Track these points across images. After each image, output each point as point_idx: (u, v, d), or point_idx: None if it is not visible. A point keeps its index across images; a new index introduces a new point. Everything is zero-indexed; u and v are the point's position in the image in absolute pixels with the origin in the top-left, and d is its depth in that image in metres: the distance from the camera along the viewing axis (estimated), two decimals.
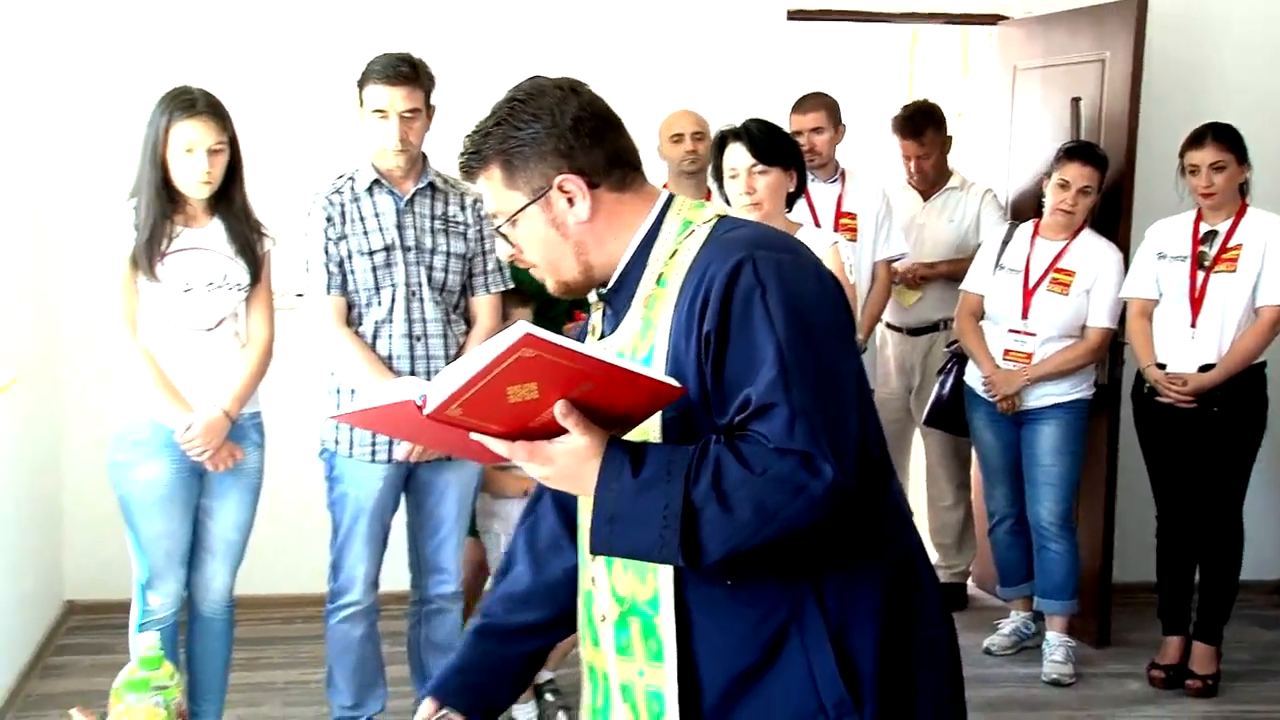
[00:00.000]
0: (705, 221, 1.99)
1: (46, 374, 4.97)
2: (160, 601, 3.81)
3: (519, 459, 1.86)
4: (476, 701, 2.25)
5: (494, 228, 2.05)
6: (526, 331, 1.68)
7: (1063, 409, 4.84)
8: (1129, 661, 5.01)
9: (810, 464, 1.79)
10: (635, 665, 2.00)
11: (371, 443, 3.91)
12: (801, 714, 1.92)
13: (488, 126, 1.98)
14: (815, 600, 1.92)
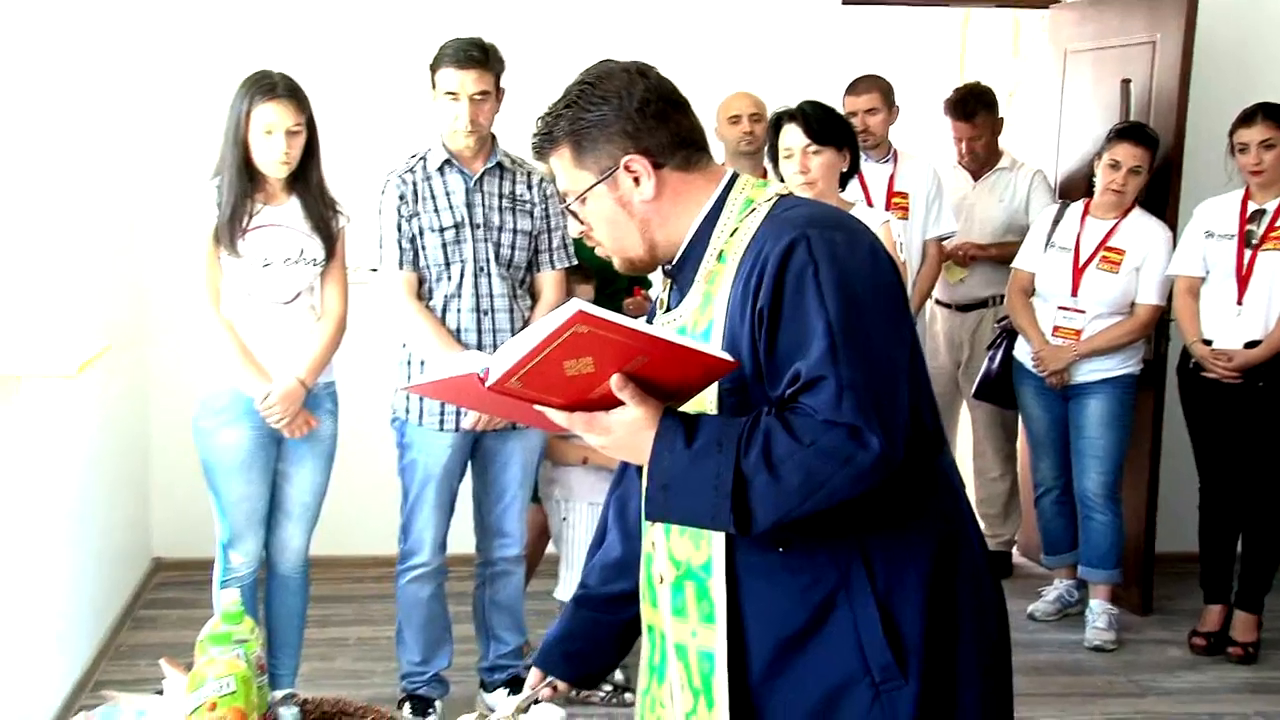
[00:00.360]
0: (766, 200, 1.98)
1: (136, 344, 5.02)
2: (241, 560, 3.85)
3: (578, 429, 1.87)
4: (577, 669, 2.31)
5: (564, 206, 2.06)
6: (579, 309, 1.68)
7: (1110, 384, 4.81)
8: (1170, 629, 4.97)
9: (858, 436, 1.78)
10: (689, 626, 2.01)
11: (440, 412, 3.92)
12: (847, 678, 1.91)
13: (559, 109, 1.99)
14: (864, 567, 1.91)
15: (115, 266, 4.81)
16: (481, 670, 4.21)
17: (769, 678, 1.95)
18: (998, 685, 2.05)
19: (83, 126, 4.38)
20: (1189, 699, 4.46)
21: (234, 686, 2.01)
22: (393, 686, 4.14)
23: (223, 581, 3.85)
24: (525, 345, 1.74)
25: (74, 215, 4.22)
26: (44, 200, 3.90)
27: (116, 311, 4.76)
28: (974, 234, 5.34)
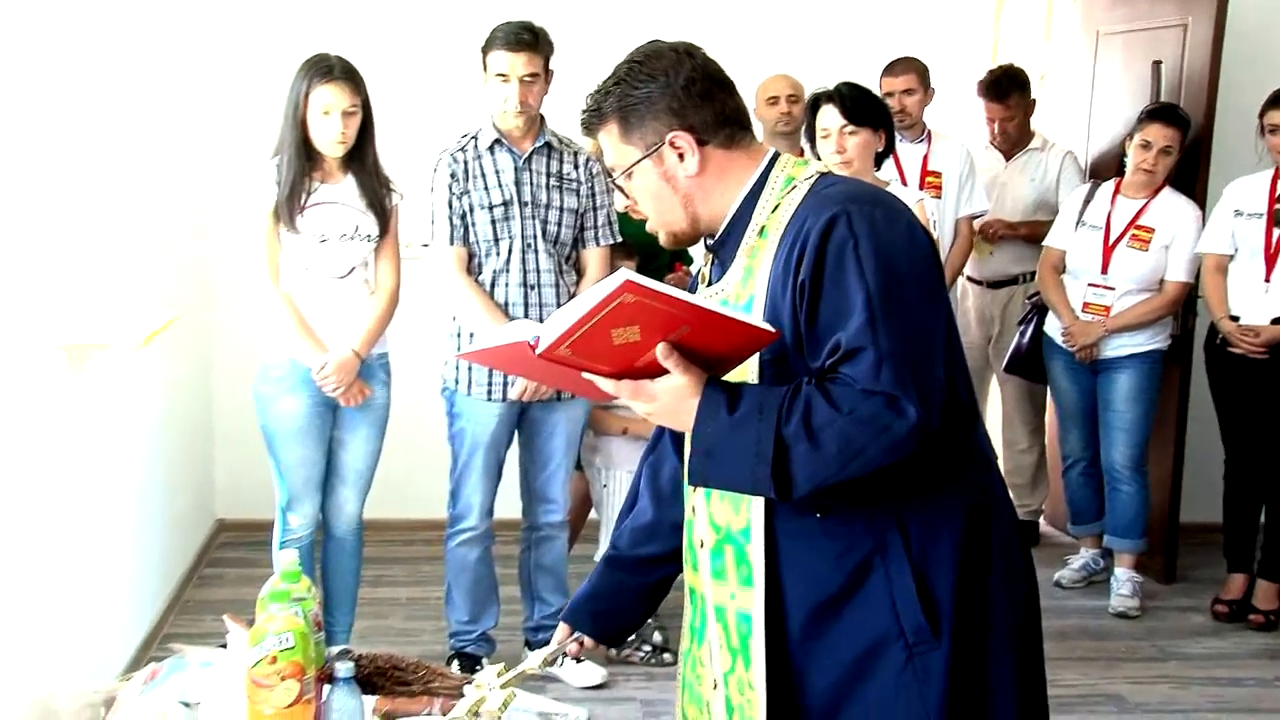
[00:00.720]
0: (807, 178, 1.97)
1: (200, 315, 5.04)
2: (299, 522, 3.88)
3: (624, 396, 1.87)
4: (605, 626, 2.30)
5: (611, 180, 2.06)
6: (627, 278, 1.68)
7: (1139, 359, 4.78)
8: (1193, 596, 4.96)
9: (895, 405, 1.77)
10: (728, 589, 2.01)
11: (488, 383, 3.93)
12: (881, 640, 1.91)
13: (608, 86, 1.99)
14: (899, 534, 1.91)
15: (181, 243, 4.83)
16: (526, 630, 4.22)
17: (805, 639, 1.95)
18: (1028, 647, 2.03)
19: (152, 109, 4.40)
20: (1210, 664, 4.44)
21: (293, 642, 2.02)
22: (442, 644, 4.16)
23: (281, 543, 3.88)
24: (575, 313, 1.74)
25: (142, 194, 4.24)
26: (114, 180, 3.92)
27: (181, 285, 4.79)
28: (1005, 213, 5.30)
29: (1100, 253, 4.75)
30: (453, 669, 3.79)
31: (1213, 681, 4.31)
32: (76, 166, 3.56)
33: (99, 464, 3.73)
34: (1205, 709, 4.11)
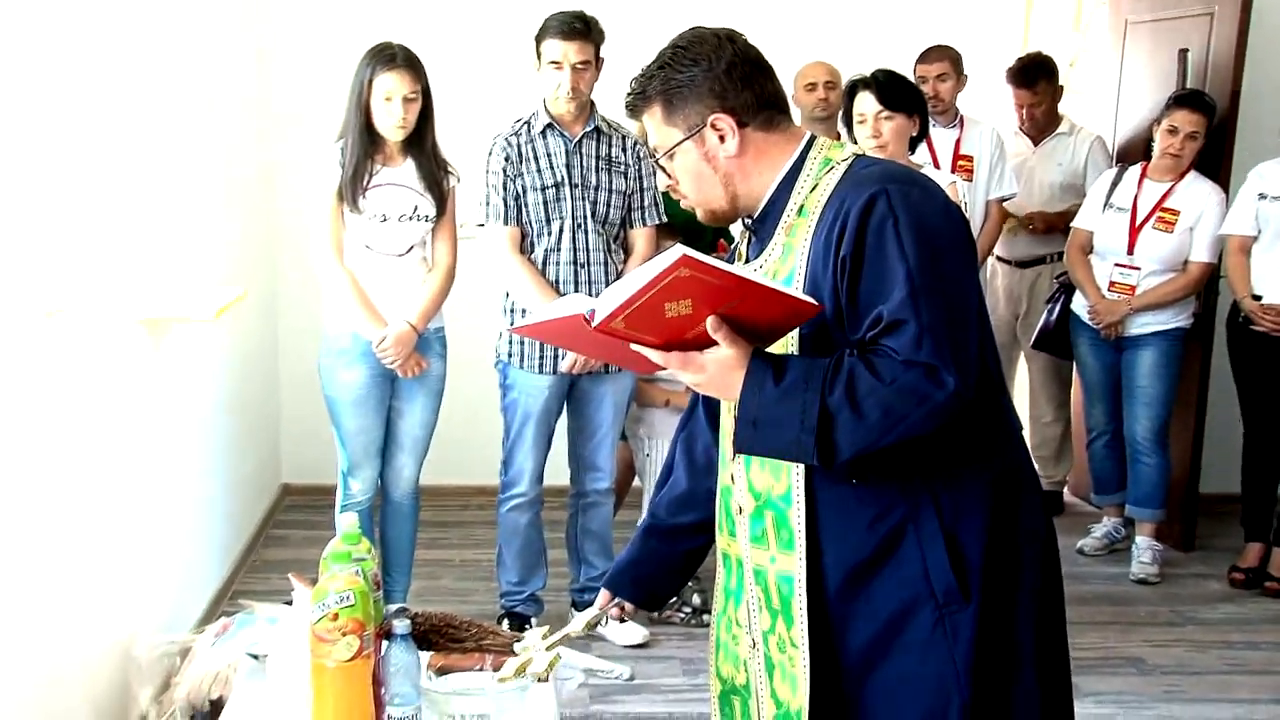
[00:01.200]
0: (843, 160, 1.95)
1: (268, 291, 5.08)
2: (359, 487, 3.90)
3: (674, 367, 1.86)
4: (643, 592, 2.30)
5: (654, 160, 2.05)
6: (684, 253, 1.68)
7: (1162, 336, 4.75)
8: (1211, 565, 4.92)
9: (935, 375, 1.76)
10: (768, 553, 2.00)
11: (539, 356, 3.93)
12: (913, 601, 1.91)
13: (652, 70, 1.98)
14: (931, 502, 1.90)
15: (249, 223, 4.86)
16: (573, 591, 4.23)
17: (842, 600, 1.94)
18: (1050, 610, 2.02)
19: (222, 98, 4.41)
20: (1226, 629, 4.42)
21: (353, 600, 2.03)
22: (493, 604, 4.17)
23: (343, 506, 3.91)
24: (631, 287, 1.73)
25: (214, 179, 4.26)
26: (189, 167, 3.94)
27: (250, 263, 4.82)
28: (1034, 195, 5.26)
29: (1127, 234, 4.71)
30: (503, 627, 3.79)
31: (1228, 645, 4.28)
32: (155, 156, 3.58)
33: (174, 430, 3.77)
34: (1220, 671, 4.09)
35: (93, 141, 3.07)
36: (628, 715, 3.64)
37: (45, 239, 2.79)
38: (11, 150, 2.62)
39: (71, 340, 2.94)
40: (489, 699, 2.19)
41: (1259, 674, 4.08)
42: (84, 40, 3.02)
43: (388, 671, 2.07)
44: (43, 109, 2.76)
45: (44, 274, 2.78)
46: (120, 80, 3.28)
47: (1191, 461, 5.02)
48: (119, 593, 3.27)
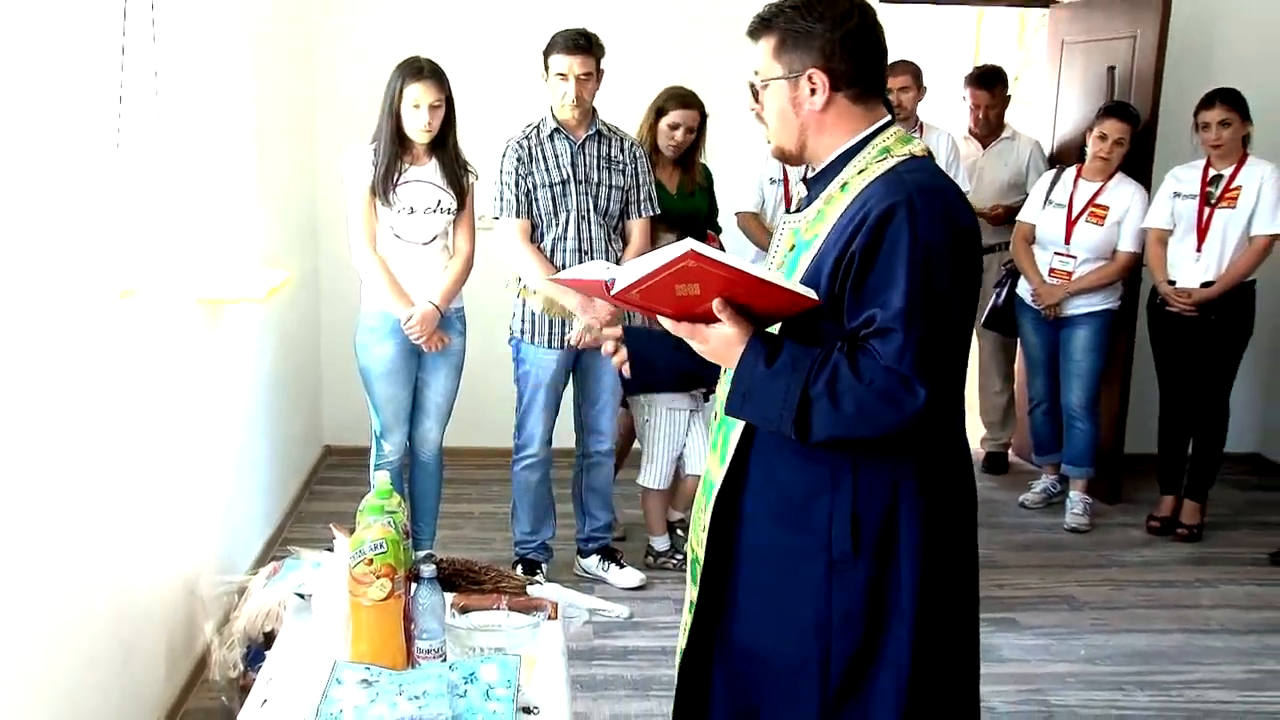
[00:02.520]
0: (898, 155, 1.87)
1: (310, 274, 5.05)
2: (389, 448, 3.89)
3: (683, 334, 1.85)
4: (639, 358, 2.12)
5: (750, 83, 1.97)
6: (690, 249, 1.67)
7: (1094, 316, 4.76)
8: (1132, 515, 4.94)
9: (910, 386, 1.74)
10: (715, 458, 2.02)
11: (548, 333, 3.92)
12: (813, 548, 1.89)
13: (786, 5, 1.90)
14: (850, 475, 1.86)
15: (294, 213, 4.83)
16: (578, 540, 4.23)
17: (754, 520, 1.96)
18: (940, 575, 1.92)
19: (272, 102, 4.38)
20: (1144, 570, 4.45)
21: (385, 547, 2.02)
22: (508, 551, 4.16)
23: (376, 465, 3.90)
24: (643, 269, 1.73)
25: (263, 174, 4.23)
26: (241, 163, 3.91)
27: (295, 248, 4.79)
28: (983, 192, 5.24)
29: (1064, 227, 4.71)
30: (517, 572, 3.80)
31: (1145, 584, 4.31)
32: (213, 154, 3.56)
33: (229, 398, 3.75)
34: (1138, 606, 4.11)
35: (159, 142, 3.05)
36: (627, 648, 3.65)
37: (119, 230, 2.78)
38: (91, 153, 2.60)
39: (142, 318, 2.94)
40: (505, 634, 2.19)
41: (1170, 608, 4.10)
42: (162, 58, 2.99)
43: (417, 610, 2.06)
44: (118, 120, 2.74)
45: (118, 260, 2.77)
46: (181, 90, 3.25)
47: (1117, 426, 5.04)
48: (186, 540, 3.28)
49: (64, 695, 2.49)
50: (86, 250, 2.59)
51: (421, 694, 1.91)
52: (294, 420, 4.81)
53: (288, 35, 4.74)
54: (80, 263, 2.56)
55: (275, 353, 4.45)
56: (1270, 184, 4.40)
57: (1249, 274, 4.48)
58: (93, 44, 2.65)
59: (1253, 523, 4.90)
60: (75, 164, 2.54)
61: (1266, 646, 3.82)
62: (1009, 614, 3.95)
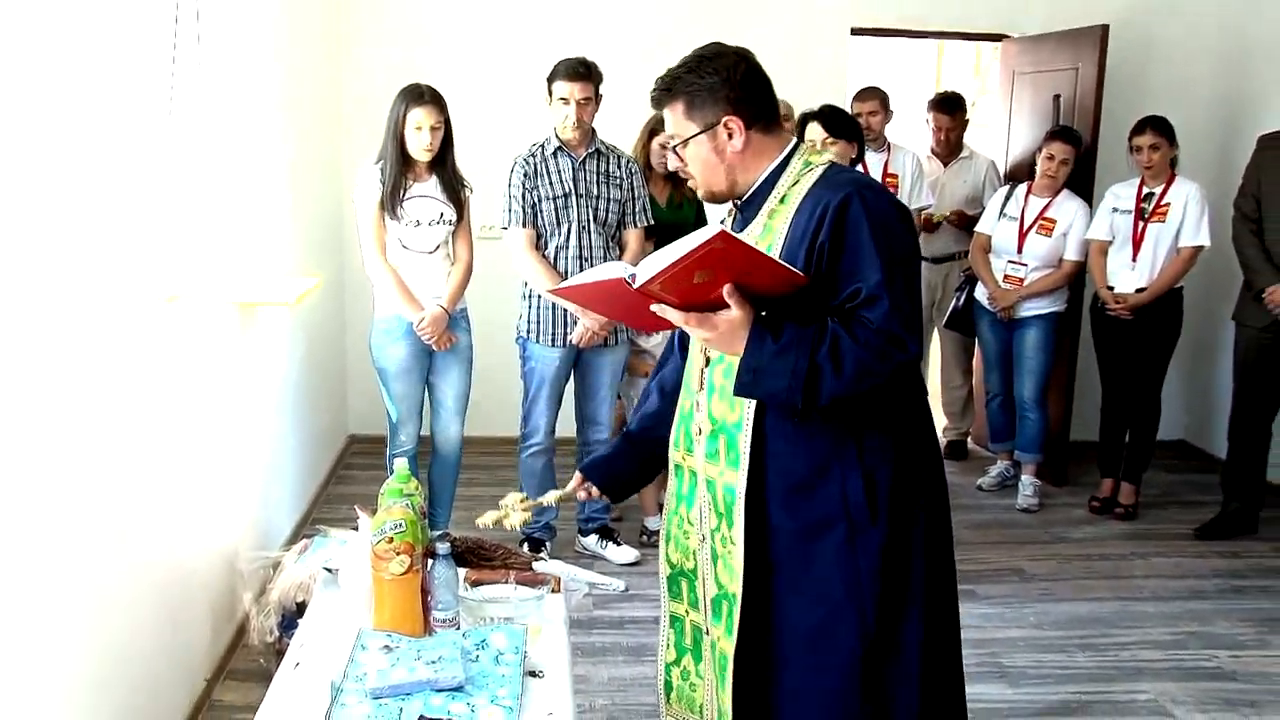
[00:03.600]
0: (821, 164, 1.96)
1: (335, 279, 5.03)
2: (404, 439, 3.88)
3: (691, 325, 1.86)
4: (608, 481, 2.26)
5: (670, 147, 2.02)
6: (722, 229, 1.69)
7: (1043, 318, 4.76)
8: (1076, 496, 4.95)
9: (899, 341, 1.80)
10: (719, 468, 2.00)
11: (552, 332, 3.91)
12: (833, 517, 1.92)
13: (680, 72, 1.95)
14: (854, 445, 1.90)
15: (320, 223, 4.81)
16: (579, 521, 4.23)
17: (779, 509, 1.95)
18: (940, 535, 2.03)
19: (300, 122, 4.37)
20: (1086, 545, 4.47)
21: (404, 527, 2.02)
22: (515, 531, 4.14)
23: (392, 454, 3.88)
24: (671, 256, 1.73)
25: (293, 187, 4.22)
26: (273, 177, 3.91)
27: (322, 256, 4.77)
28: (944, 204, 5.25)
29: (1016, 238, 4.71)
30: (523, 550, 3.79)
31: (1087, 558, 4.32)
32: (247, 170, 3.55)
33: (263, 393, 3.75)
34: (1081, 577, 4.13)
35: (203, 164, 3.04)
36: (623, 618, 3.66)
37: (166, 242, 2.78)
38: (143, 176, 2.59)
39: (186, 320, 2.94)
40: (513, 605, 2.19)
41: (1109, 578, 4.13)
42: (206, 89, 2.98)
43: (433, 583, 2.06)
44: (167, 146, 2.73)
45: (165, 269, 2.77)
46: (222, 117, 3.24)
47: (1063, 417, 5.04)
48: (226, 519, 3.28)
49: (124, 657, 2.50)
50: (138, 260, 2.59)
51: (438, 659, 1.91)
52: (321, 412, 4.80)
53: (316, 69, 4.73)
54: (133, 272, 2.56)
55: (304, 351, 4.44)
56: (1194, 201, 4.43)
57: (1177, 281, 4.50)
58: (147, 76, 2.64)
59: (1180, 502, 4.92)
60: (129, 186, 2.54)
61: (1189, 611, 3.85)
62: (968, 586, 3.95)
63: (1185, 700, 3.23)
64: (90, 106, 2.32)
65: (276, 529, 3.90)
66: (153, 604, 2.70)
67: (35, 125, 2.08)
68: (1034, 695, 3.23)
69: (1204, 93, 5.34)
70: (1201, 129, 5.13)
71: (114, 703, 2.44)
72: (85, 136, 2.30)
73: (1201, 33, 5.36)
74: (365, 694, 1.84)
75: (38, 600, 2.09)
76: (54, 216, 2.15)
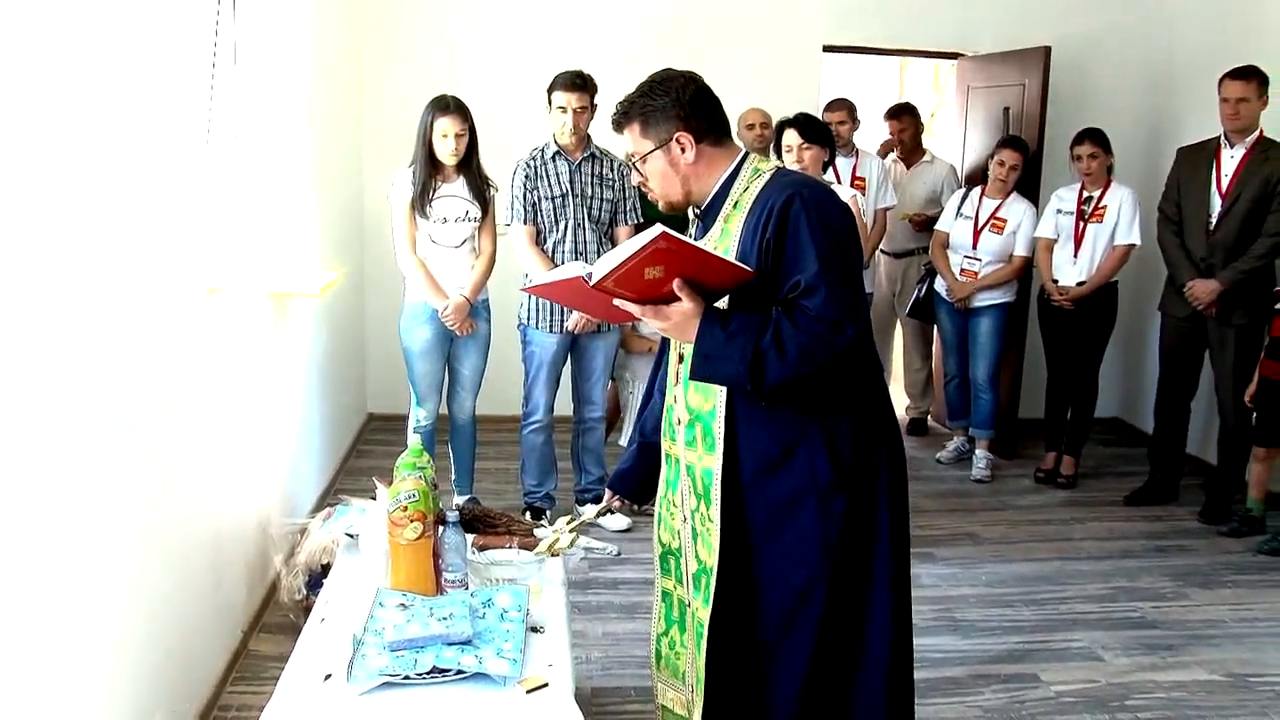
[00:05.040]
0: (769, 170, 1.96)
1: (356, 272, 5.01)
2: (424, 415, 3.89)
3: (648, 317, 1.85)
4: (636, 490, 2.29)
5: (629, 163, 2.05)
6: (663, 230, 1.68)
7: (995, 308, 4.77)
8: (1024, 468, 4.98)
9: (838, 327, 1.79)
10: (697, 453, 2.00)
11: (550, 319, 3.91)
12: (804, 491, 1.91)
13: (634, 97, 1.97)
14: (818, 425, 1.90)
15: (345, 224, 4.79)
16: (576, 491, 4.23)
17: (751, 488, 1.95)
18: (898, 498, 2.03)
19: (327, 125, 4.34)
20: (1032, 512, 4.49)
21: (418, 496, 2.03)
22: (518, 501, 4.16)
23: (414, 429, 3.88)
24: (620, 256, 1.73)
25: (320, 188, 4.20)
26: (301, 179, 3.88)
27: (345, 250, 4.75)
28: (906, 204, 5.25)
29: (971, 235, 4.72)
30: (525, 517, 3.80)
31: (1032, 523, 4.34)
32: (278, 172, 3.52)
33: (291, 376, 3.74)
34: (1027, 540, 4.15)
35: (238, 167, 3.02)
36: (616, 580, 3.66)
37: (207, 239, 2.77)
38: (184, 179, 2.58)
39: (224, 311, 2.93)
40: (516, 568, 2.20)
41: (1051, 541, 4.16)
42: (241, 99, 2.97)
43: (443, 548, 2.07)
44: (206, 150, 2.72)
45: (206, 264, 2.76)
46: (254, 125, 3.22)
47: (1013, 396, 5.06)
48: (258, 488, 3.27)
49: (174, 612, 2.52)
50: (182, 256, 2.58)
51: (448, 615, 1.92)
52: (343, 393, 4.79)
53: (340, 84, 4.70)
54: (177, 266, 2.55)
55: (328, 338, 4.43)
56: (1127, 204, 4.46)
57: (1113, 275, 4.53)
58: (190, 94, 2.64)
59: (1114, 473, 4.95)
60: (175, 193, 2.53)
61: (1120, 568, 3.88)
62: (927, 549, 3.99)
63: (1114, 646, 3.27)
64: (140, 123, 2.31)
65: (303, 498, 3.90)
66: (198, 563, 2.71)
67: (95, 141, 2.07)
68: (983, 645, 3.26)
69: (1134, 108, 5.38)
70: (1131, 140, 5.16)
71: (166, 650, 2.46)
72: (137, 151, 2.29)
73: (1132, 57, 5.41)
74: (383, 646, 1.85)
75: (98, 564, 2.10)
76: (113, 222, 2.16)
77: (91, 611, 2.08)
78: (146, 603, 2.35)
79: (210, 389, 2.79)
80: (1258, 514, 4.20)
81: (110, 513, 2.16)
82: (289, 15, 3.68)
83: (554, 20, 5.17)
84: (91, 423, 2.07)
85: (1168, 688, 3.01)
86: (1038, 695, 2.96)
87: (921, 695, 2.87)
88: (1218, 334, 4.24)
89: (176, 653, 2.53)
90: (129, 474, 2.25)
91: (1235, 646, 3.27)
